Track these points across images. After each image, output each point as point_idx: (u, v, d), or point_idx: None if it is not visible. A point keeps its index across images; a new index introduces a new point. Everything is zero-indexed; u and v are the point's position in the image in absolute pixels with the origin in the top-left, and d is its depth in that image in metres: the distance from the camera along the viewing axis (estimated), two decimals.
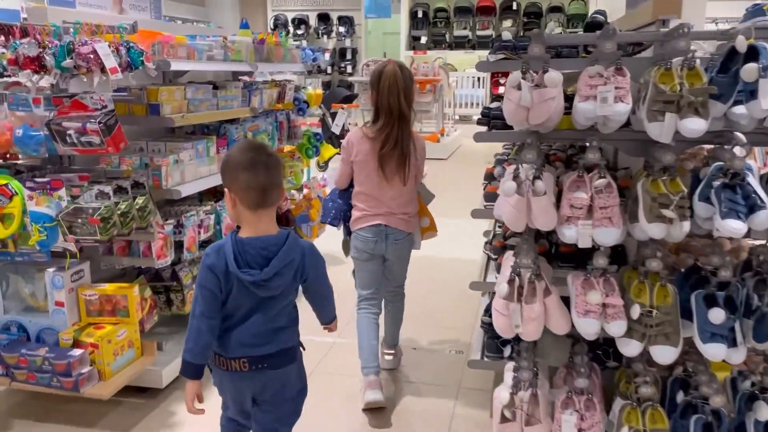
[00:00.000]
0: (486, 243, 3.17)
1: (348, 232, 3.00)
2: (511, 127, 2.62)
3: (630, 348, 2.20)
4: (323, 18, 14.71)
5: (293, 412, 2.10)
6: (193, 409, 1.90)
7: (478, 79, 13.75)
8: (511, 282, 2.28)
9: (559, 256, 2.78)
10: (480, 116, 2.77)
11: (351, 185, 2.94)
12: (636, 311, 2.19)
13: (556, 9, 14.97)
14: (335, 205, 2.97)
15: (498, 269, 2.76)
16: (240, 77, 4.35)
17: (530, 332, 2.24)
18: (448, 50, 14.87)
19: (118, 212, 2.48)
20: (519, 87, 2.18)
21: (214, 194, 3.72)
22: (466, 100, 13.65)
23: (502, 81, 15.66)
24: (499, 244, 2.99)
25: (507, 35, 2.62)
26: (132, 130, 3.11)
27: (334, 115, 7.58)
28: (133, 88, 2.78)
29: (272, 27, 14.50)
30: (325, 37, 14.73)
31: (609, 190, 2.23)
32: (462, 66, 14.92)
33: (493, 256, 2.99)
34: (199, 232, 3.21)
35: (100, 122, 2.33)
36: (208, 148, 3.22)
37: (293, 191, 4.68)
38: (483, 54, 13.39)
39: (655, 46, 2.47)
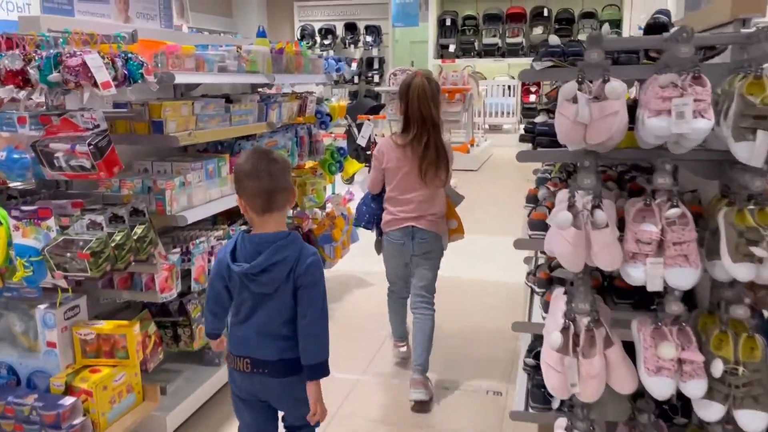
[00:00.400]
0: (528, 274, 2.81)
1: (380, 233, 3.17)
2: (559, 144, 2.28)
3: (711, 412, 1.83)
4: (350, 27, 14.51)
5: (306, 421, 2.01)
6: (219, 346, 2.15)
7: (509, 87, 13.36)
8: (564, 330, 1.93)
9: (614, 291, 2.41)
10: (523, 132, 2.43)
11: (383, 190, 3.11)
12: (718, 368, 1.82)
13: (588, 15, 14.60)
14: (369, 209, 3.15)
15: (545, 308, 2.40)
16: (259, 89, 4.08)
17: (590, 392, 1.88)
18: (477, 58, 14.59)
19: (113, 244, 2.19)
20: (575, 100, 1.84)
21: (228, 216, 3.44)
22: (496, 109, 13.25)
23: (532, 89, 15.38)
24: (544, 276, 2.63)
25: (554, 40, 2.27)
26: (135, 150, 2.85)
27: (360, 127, 7.28)
28: (135, 104, 2.50)
29: (299, 37, 14.35)
30: (352, 46, 14.52)
31: (683, 222, 1.86)
32: (491, 74, 14.59)
33: (538, 290, 2.63)
34: (209, 260, 2.92)
35: (90, 144, 2.04)
36: (220, 168, 2.93)
37: (316, 209, 4.38)
38: (513, 62, 13.04)
39: (733, 50, 2.11)
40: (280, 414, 2.13)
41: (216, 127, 2.90)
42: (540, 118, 2.38)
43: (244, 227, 3.26)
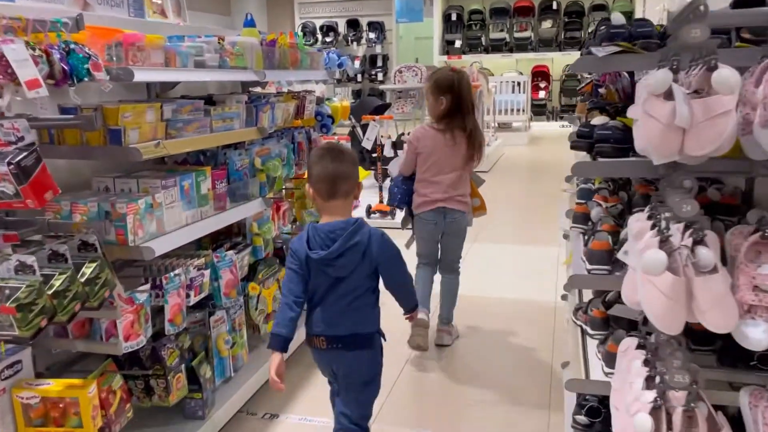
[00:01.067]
0: (577, 309, 2.29)
1: (411, 212, 3.41)
2: (624, 153, 1.77)
3: None
4: (352, 24, 14.01)
5: (361, 400, 2.20)
6: (274, 382, 2.06)
7: (518, 83, 12.83)
8: (656, 411, 1.41)
9: (690, 334, 1.89)
10: (576, 138, 1.91)
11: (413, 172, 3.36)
12: None
13: (599, 7, 14.13)
14: (400, 189, 3.37)
15: (607, 360, 1.89)
16: (251, 88, 3.58)
17: None
18: (483, 54, 14.12)
19: (50, 292, 1.69)
20: (670, 95, 1.32)
21: (215, 239, 2.94)
22: (505, 106, 12.71)
23: (542, 85, 14.83)
24: (599, 315, 2.12)
25: (618, 18, 1.76)
26: (95, 164, 2.35)
27: (364, 128, 6.76)
28: (85, 108, 1.99)
29: (300, 35, 13.83)
30: (355, 43, 14.03)
31: None
32: (499, 70, 14.09)
33: (593, 333, 2.12)
34: (188, 295, 2.42)
35: (11, 162, 1.54)
36: (198, 184, 2.42)
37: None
38: (521, 57, 12.47)
39: None
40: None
41: (193, 134, 2.39)
42: (598, 120, 1.87)
43: (231, 252, 2.77)
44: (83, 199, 2.09)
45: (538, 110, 14.40)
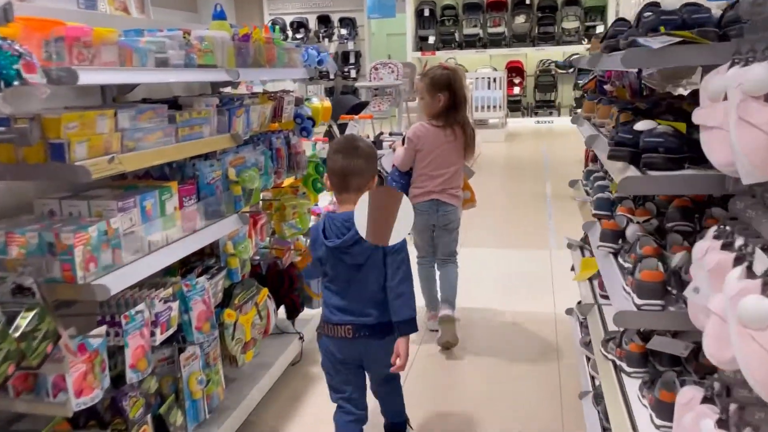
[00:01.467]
0: (608, 340, 1.99)
1: None
2: (680, 165, 1.48)
3: None
4: (323, 20, 13.67)
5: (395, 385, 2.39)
6: None
7: (494, 79, 12.60)
8: None
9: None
10: (615, 146, 1.61)
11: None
12: None
13: (572, 2, 14.00)
14: (399, 185, 3.38)
15: (657, 411, 1.59)
16: (222, 90, 3.21)
17: None
18: (457, 50, 13.90)
19: None
20: None
21: (185, 262, 2.58)
22: (482, 102, 12.47)
23: (516, 81, 14.64)
24: (636, 350, 1.83)
25: (670, 2, 1.46)
26: (34, 185, 1.98)
27: (341, 127, 6.41)
28: (20, 118, 1.62)
29: (277, 29, 13.41)
30: (326, 40, 13.68)
31: None
32: (473, 66, 13.86)
33: (630, 371, 1.82)
34: (153, 334, 2.06)
35: None
36: (163, 204, 2.06)
37: (301, 237, 3.53)
38: (495, 52, 12.20)
39: None
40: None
41: (156, 145, 2.02)
42: (644, 125, 1.57)
43: (203, 277, 2.42)
44: (21, 227, 1.72)
45: (513, 106, 14.24)
